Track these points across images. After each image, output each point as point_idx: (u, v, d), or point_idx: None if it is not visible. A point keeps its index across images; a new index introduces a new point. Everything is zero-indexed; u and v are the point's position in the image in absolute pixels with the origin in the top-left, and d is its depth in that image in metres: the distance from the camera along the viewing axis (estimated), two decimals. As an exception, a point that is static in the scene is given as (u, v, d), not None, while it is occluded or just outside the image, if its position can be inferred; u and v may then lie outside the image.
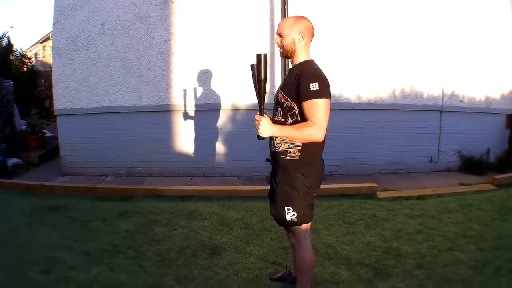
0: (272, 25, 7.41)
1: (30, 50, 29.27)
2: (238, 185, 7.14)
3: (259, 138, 2.84)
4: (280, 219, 3.08)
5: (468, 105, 8.09)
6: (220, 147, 7.69)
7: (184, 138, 7.63)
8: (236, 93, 7.43)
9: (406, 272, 3.88)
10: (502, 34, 8.10)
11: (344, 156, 7.63)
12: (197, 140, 7.60)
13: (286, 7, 7.19)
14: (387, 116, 7.82)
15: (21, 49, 14.78)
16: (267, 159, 3.21)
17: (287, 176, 2.98)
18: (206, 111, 7.51)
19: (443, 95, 7.92)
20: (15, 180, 7.15)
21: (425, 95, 7.88)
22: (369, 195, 6.35)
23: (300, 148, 2.90)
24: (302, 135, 2.76)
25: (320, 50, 7.38)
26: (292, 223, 3.01)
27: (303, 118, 2.83)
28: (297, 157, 2.92)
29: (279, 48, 3.02)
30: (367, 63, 7.59)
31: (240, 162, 7.62)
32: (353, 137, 7.68)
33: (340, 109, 7.59)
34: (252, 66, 2.79)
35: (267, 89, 7.35)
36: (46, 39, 27.04)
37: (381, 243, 4.54)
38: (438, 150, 8.04)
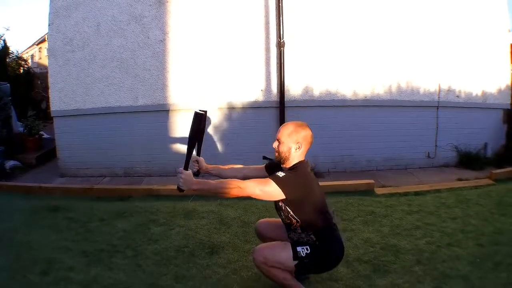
0: (266, 23, 7.41)
1: (27, 52, 29.19)
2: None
3: (179, 190, 2.97)
4: (293, 240, 3.08)
5: (465, 100, 8.09)
6: (217, 146, 7.68)
7: (181, 137, 7.61)
8: (231, 92, 7.43)
9: (404, 268, 3.87)
10: (498, 28, 8.11)
11: (341, 153, 7.63)
12: (194, 139, 7.58)
13: (280, 4, 7.19)
14: (383, 112, 7.83)
15: (17, 51, 14.80)
16: (264, 157, 3.22)
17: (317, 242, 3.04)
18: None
19: (440, 90, 7.92)
20: (13, 182, 7.17)
21: (421, 91, 7.88)
22: (367, 191, 6.35)
23: (315, 238, 3.01)
24: (222, 187, 2.82)
25: (316, 47, 7.41)
26: (295, 255, 2.97)
27: (302, 217, 2.96)
28: (317, 243, 3.01)
29: (275, 152, 3.09)
30: (363, 59, 7.59)
31: (237, 160, 7.58)
32: (349, 134, 7.68)
33: (336, 106, 7.61)
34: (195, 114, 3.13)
35: (263, 87, 7.36)
36: (42, 40, 26.97)
37: (379, 239, 4.53)
38: (435, 145, 8.05)
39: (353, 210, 5.45)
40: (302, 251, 2.95)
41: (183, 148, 7.58)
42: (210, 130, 7.59)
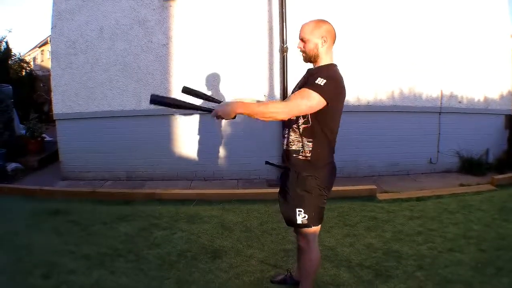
0: (270, 28, 7.42)
1: (29, 55, 29.31)
2: (238, 188, 7.13)
3: (226, 118, 2.69)
4: (291, 221, 3.06)
5: (467, 106, 8.09)
6: (219, 151, 7.69)
7: (184, 142, 7.63)
8: (235, 96, 7.42)
9: (406, 273, 3.88)
10: (500, 35, 8.13)
11: (344, 159, 7.59)
12: (196, 143, 7.60)
13: (284, 10, 7.20)
14: (386, 118, 7.83)
15: (20, 54, 14.81)
16: (267, 162, 3.21)
17: (299, 178, 2.96)
18: (205, 115, 7.48)
19: (442, 96, 7.93)
20: (15, 184, 7.16)
21: (424, 97, 7.88)
22: (369, 197, 6.35)
23: (311, 149, 2.90)
24: (265, 110, 2.67)
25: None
26: (303, 225, 3.00)
27: (316, 119, 2.84)
28: (308, 158, 2.92)
29: (302, 52, 3.01)
30: (366, 65, 7.58)
31: (239, 165, 7.62)
32: (352, 140, 7.65)
33: (339, 111, 7.59)
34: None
35: (266, 92, 7.30)
36: (45, 43, 27.07)
37: (381, 245, 4.54)
38: (438, 151, 8.05)
39: (355, 215, 5.45)
40: (301, 215, 2.97)
41: (185, 152, 7.61)
42: (213, 133, 7.61)
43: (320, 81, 2.72)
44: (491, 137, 8.30)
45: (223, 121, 7.56)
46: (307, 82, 2.84)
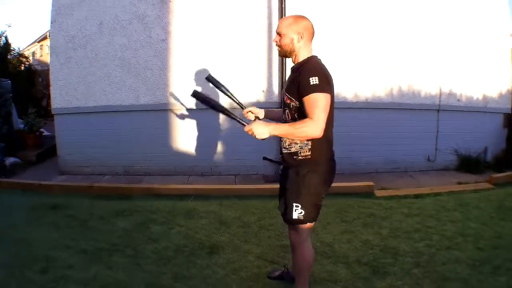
0: (269, 24, 7.41)
1: (28, 49, 29.27)
2: (235, 184, 7.14)
3: (258, 138, 2.83)
4: (287, 216, 3.07)
5: (466, 104, 8.10)
6: (217, 146, 7.68)
7: (182, 137, 7.62)
8: (233, 92, 7.40)
9: (403, 270, 3.88)
10: (500, 32, 8.13)
11: (342, 155, 7.53)
12: (194, 139, 7.59)
13: (283, 5, 7.18)
14: (384, 115, 7.82)
15: (19, 48, 14.78)
16: (264, 158, 3.21)
17: (299, 175, 2.97)
18: (203, 110, 7.44)
19: (441, 94, 7.93)
20: (13, 179, 7.15)
21: (422, 94, 7.88)
22: (367, 194, 6.35)
23: (310, 147, 2.91)
24: (299, 132, 2.72)
25: (318, 49, 7.41)
26: (298, 221, 3.00)
27: (303, 115, 2.80)
28: (309, 156, 2.93)
29: (278, 47, 3.03)
30: (365, 62, 7.58)
31: (237, 161, 7.62)
32: (350, 136, 7.65)
33: (337, 108, 7.52)
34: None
35: (264, 88, 7.31)
36: (44, 38, 27.04)
37: (378, 241, 4.54)
38: (436, 149, 8.05)
39: (352, 212, 5.45)
40: (297, 211, 2.97)
41: (183, 147, 7.60)
42: (211, 129, 7.60)
43: (314, 80, 2.71)
44: (490, 135, 8.31)
45: (222, 117, 7.55)
46: (296, 82, 2.83)
